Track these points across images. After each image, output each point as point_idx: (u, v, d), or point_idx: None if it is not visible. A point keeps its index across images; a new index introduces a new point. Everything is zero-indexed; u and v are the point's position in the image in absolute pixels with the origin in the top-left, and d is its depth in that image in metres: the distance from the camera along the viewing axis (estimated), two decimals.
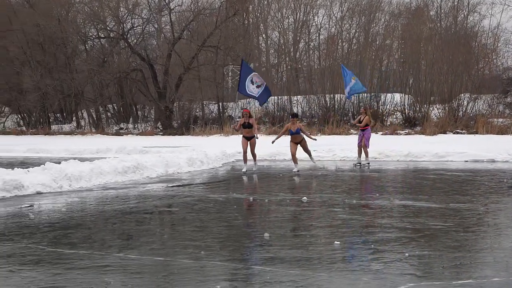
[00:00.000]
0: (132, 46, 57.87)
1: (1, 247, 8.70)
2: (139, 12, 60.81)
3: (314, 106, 53.81)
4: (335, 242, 8.72)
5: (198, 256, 7.99)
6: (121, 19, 58.54)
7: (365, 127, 22.81)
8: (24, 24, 59.33)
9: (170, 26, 58.83)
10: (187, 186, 16.59)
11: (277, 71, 64.00)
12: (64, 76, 58.84)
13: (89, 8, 60.54)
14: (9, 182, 14.84)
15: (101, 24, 59.60)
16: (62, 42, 59.88)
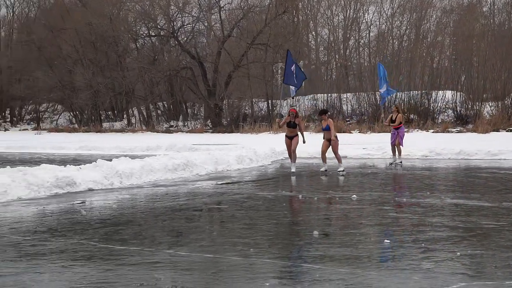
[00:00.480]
0: (182, 44, 58.12)
1: (54, 243, 8.81)
2: (189, 10, 61.01)
3: (364, 104, 53.51)
4: (385, 241, 8.66)
5: (247, 254, 8.00)
6: (172, 18, 58.85)
7: (399, 126, 22.27)
8: (76, 23, 60.00)
9: (220, 24, 59.01)
10: (236, 184, 16.62)
11: (327, 69, 63.68)
12: (115, 74, 59.38)
13: (140, 6, 60.93)
14: (62, 179, 15.02)
15: (152, 23, 59.98)
16: (113, 41, 60.46)
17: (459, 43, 54.96)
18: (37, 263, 7.56)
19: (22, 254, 8.09)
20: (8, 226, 10.16)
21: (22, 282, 6.70)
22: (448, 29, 59.85)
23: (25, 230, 9.77)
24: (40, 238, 9.12)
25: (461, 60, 53.62)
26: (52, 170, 15.64)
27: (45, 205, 12.43)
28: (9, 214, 11.40)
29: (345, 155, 26.37)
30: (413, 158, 25.05)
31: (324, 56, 64.99)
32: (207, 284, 6.68)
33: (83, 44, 61.54)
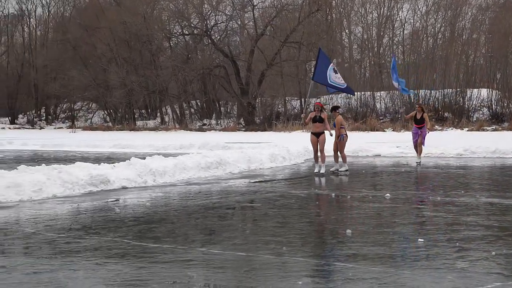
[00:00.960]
0: (215, 42, 58.27)
1: (88, 240, 8.88)
2: (222, 9, 61.15)
3: (398, 102, 53.25)
4: (419, 240, 8.61)
5: (280, 252, 8.00)
6: (205, 16, 59.01)
7: (422, 125, 21.75)
8: (111, 22, 60.44)
9: (253, 23, 59.07)
10: (269, 182, 16.62)
11: (360, 67, 63.53)
12: (149, 72, 59.68)
13: (173, 5, 61.18)
14: (96, 177, 15.13)
15: (185, 21, 60.18)
16: (147, 39, 60.74)
17: (495, 41, 54.47)
18: (71, 260, 7.63)
19: (57, 251, 8.16)
20: (43, 223, 10.26)
21: (57, 279, 6.76)
22: (484, 26, 59.39)
23: (60, 228, 9.86)
24: (74, 236, 9.20)
25: (496, 57, 53.18)
26: (87, 168, 15.75)
27: (79, 203, 12.53)
28: (44, 212, 11.51)
29: (379, 153, 26.32)
30: (448, 157, 24.87)
31: (357, 54, 64.78)
32: (239, 282, 6.69)
33: (117, 42, 61.94)
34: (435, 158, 24.55)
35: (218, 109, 61.59)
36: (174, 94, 61.31)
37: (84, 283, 6.63)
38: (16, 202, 12.75)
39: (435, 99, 51.06)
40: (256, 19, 59.04)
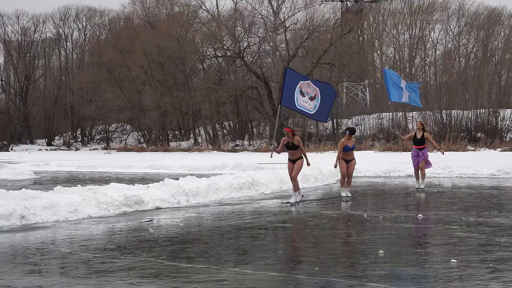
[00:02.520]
0: (248, 64, 58.44)
1: (122, 260, 8.93)
2: (255, 31, 61.43)
3: (430, 122, 52.92)
4: (452, 260, 8.55)
5: (312, 272, 7.98)
6: (238, 38, 59.27)
7: (423, 146, 20.03)
8: (145, 45, 60.94)
9: (285, 44, 59.23)
10: (301, 202, 16.59)
11: None
12: (182, 94, 60.05)
13: (207, 28, 61.55)
14: (130, 198, 15.22)
15: (219, 43, 60.46)
16: (181, 62, 61.12)
17: None
18: (106, 280, 7.68)
19: (92, 271, 8.22)
20: (78, 243, 10.34)
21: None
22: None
23: (95, 248, 9.93)
24: (109, 256, 9.25)
25: None
26: (121, 189, 15.85)
27: (114, 223, 12.61)
28: (79, 232, 11.60)
29: (411, 174, 26.15)
30: (481, 177, 24.65)
31: None
32: None
33: (151, 65, 62.39)
34: (468, 178, 24.35)
35: (251, 130, 61.72)
36: (207, 115, 61.56)
37: None
38: (52, 222, 12.88)
39: (467, 120, 50.70)
40: (288, 41, 59.21)
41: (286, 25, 59.62)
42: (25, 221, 12.77)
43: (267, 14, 61.85)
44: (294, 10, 61.35)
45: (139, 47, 61.60)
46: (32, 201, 13.62)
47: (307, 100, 17.74)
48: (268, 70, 61.00)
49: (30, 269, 8.41)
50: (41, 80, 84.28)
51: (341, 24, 58.10)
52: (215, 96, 59.20)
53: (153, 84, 62.27)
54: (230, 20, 62.17)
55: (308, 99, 17.71)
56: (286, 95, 17.75)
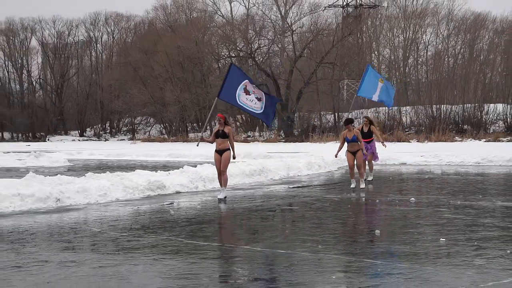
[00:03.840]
0: (258, 63, 58.47)
1: (146, 238, 8.95)
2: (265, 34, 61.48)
3: (422, 116, 52.95)
4: (441, 239, 8.53)
5: (315, 250, 7.98)
6: (250, 40, 59.29)
7: (370, 139, 17.78)
8: (167, 47, 61.04)
9: (292, 46, 59.23)
10: (306, 187, 16.59)
11: None
12: (200, 90, 60.09)
13: (222, 31, 61.62)
14: (154, 183, 15.25)
15: (232, 45, 60.49)
16: (198, 61, 61.19)
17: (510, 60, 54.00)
18: (132, 256, 7.70)
19: (120, 248, 8.24)
20: (107, 223, 10.37)
21: (119, 273, 6.84)
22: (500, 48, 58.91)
23: (122, 227, 9.96)
24: (134, 235, 9.28)
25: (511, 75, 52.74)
26: (145, 175, 15.89)
27: (139, 206, 12.64)
28: (108, 213, 11.64)
29: (405, 162, 26.13)
30: (467, 165, 24.58)
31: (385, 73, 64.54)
32: (280, 276, 6.69)
33: (172, 64, 62.48)
34: (455, 166, 24.28)
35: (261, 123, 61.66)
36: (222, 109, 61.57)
37: (143, 276, 6.69)
38: (84, 205, 12.92)
39: (455, 113, 50.66)
40: (295, 43, 59.22)
41: (293, 28, 59.70)
42: (60, 203, 12.82)
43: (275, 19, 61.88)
44: (300, 15, 61.44)
45: (161, 49, 61.71)
46: (67, 186, 13.68)
47: (253, 99, 15.72)
48: (277, 69, 60.99)
49: (65, 246, 8.45)
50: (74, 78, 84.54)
51: (342, 27, 58.08)
52: None
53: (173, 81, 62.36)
54: (243, 24, 62.11)
55: (255, 98, 15.74)
56: (226, 90, 15.69)
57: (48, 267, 7.13)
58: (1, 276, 6.71)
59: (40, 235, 9.38)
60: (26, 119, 79.07)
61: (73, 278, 6.62)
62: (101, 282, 6.42)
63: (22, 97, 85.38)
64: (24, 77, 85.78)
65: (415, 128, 52.27)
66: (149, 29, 73.03)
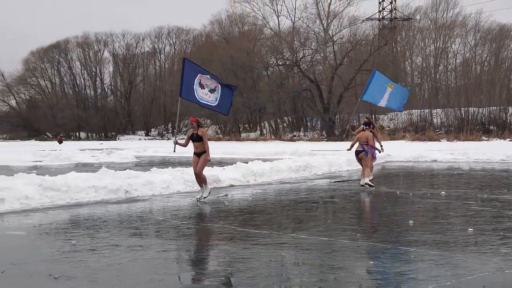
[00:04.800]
0: (303, 71, 58.42)
1: (204, 226, 9.00)
2: (309, 44, 61.37)
3: (451, 117, 52.24)
4: (469, 229, 8.39)
5: (355, 238, 7.92)
6: (295, 50, 59.29)
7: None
8: (221, 56, 61.36)
9: (333, 55, 58.95)
10: (346, 182, 16.49)
11: (420, 89, 62.43)
12: (250, 95, 60.25)
13: (270, 42, 61.72)
14: (211, 177, 15.30)
15: (279, 55, 60.52)
16: (249, 69, 61.34)
17: None
18: (191, 242, 7.75)
19: (180, 234, 8.30)
20: (170, 212, 10.46)
21: (181, 256, 6.89)
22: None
23: (183, 216, 10.03)
24: (193, 223, 9.34)
25: None
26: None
27: (197, 197, 12.71)
28: (170, 204, 11.74)
29: (436, 159, 25.79)
30: (493, 162, 24.12)
31: (418, 79, 63.79)
32: (322, 261, 6.66)
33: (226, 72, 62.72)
34: (482, 163, 23.85)
35: (305, 124, 61.60)
36: (270, 112, 61.71)
37: (201, 260, 6.72)
38: (149, 196, 13.06)
39: (482, 115, 49.86)
40: (336, 52, 58.89)
41: (334, 39, 59.36)
42: (129, 195, 12.98)
43: (318, 31, 61.60)
44: (341, 28, 61.05)
45: (217, 58, 62.03)
46: (134, 179, 13.84)
47: (207, 92, 13.95)
48: (319, 75, 60.77)
49: (133, 232, 8.55)
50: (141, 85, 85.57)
51: (378, 38, 57.69)
52: (277, 97, 59.24)
53: None
54: (289, 35, 62.02)
55: (209, 91, 13.96)
56: (185, 88, 13.74)
57: (118, 250, 7.22)
58: (79, 258, 6.82)
59: (111, 222, 9.51)
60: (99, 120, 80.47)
61: (140, 260, 6.69)
62: (164, 265, 6.48)
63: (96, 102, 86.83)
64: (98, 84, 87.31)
65: (445, 129, 51.63)
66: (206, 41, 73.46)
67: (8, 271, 6.19)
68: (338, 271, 6.15)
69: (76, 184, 12.65)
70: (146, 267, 6.38)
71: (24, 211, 10.73)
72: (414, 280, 5.80)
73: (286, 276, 5.99)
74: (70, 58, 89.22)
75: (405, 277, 5.90)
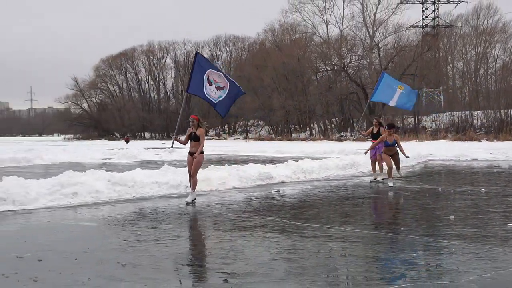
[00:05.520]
0: (350, 75, 58.03)
1: (257, 219, 9.02)
2: (356, 51, 60.89)
3: (491, 119, 51.05)
4: (508, 224, 8.20)
5: (398, 231, 7.83)
6: (342, 56, 58.92)
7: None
8: (274, 62, 61.50)
9: (378, 60, 58.42)
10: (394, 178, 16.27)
11: (461, 92, 61.24)
12: (301, 98, 60.19)
13: (319, 49, 61.59)
14: (263, 174, 15.36)
15: (328, 60, 60.27)
16: (300, 74, 61.26)
17: None
18: (246, 233, 7.78)
19: (236, 227, 8.35)
20: (226, 207, 10.52)
21: (236, 247, 6.92)
22: None
23: (238, 210, 10.08)
24: (248, 216, 9.37)
25: None
26: (256, 168, 16.03)
27: (251, 193, 12.75)
28: (226, 198, 11.81)
29: (476, 158, 25.28)
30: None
31: (459, 83, 62.53)
32: (368, 252, 6.60)
33: (278, 77, 62.86)
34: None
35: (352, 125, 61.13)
36: (319, 114, 61.53)
37: (255, 250, 6.74)
38: (207, 191, 13.17)
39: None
40: (381, 58, 58.31)
41: (379, 45, 58.73)
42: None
43: (364, 38, 61.10)
44: (385, 35, 60.42)
45: (270, 64, 62.18)
46: None
47: (213, 89, 12.67)
48: (365, 79, 60.25)
49: (193, 224, 8.64)
50: None
51: (421, 44, 56.80)
52: (325, 99, 58.97)
53: (279, 91, 62.67)
54: (337, 42, 61.66)
55: (215, 88, 12.66)
56: (194, 83, 12.61)
57: (179, 240, 7.31)
58: (143, 247, 6.93)
59: (173, 215, 9.63)
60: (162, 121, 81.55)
61: (199, 250, 6.75)
62: (221, 254, 6.52)
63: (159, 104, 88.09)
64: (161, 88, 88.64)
65: (485, 129, 50.50)
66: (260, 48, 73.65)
67: (81, 259, 6.34)
68: (383, 262, 6.09)
69: (141, 179, 12.86)
70: (204, 256, 6.43)
71: (94, 203, 10.98)
72: (455, 271, 5.69)
73: (334, 266, 5.97)
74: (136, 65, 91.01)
75: (446, 269, 5.80)
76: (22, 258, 6.37)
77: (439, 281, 5.38)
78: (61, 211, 10.03)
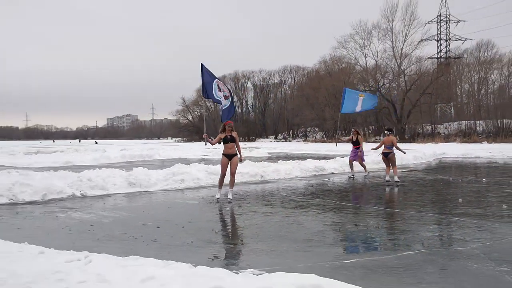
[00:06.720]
0: (382, 94, 56.69)
1: (313, 200, 8.98)
2: (387, 76, 59.54)
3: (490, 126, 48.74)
4: (503, 206, 7.84)
5: (419, 210, 7.62)
6: (377, 80, 57.70)
7: (358, 146, 14.08)
8: (326, 85, 60.95)
9: (404, 83, 56.81)
10: (413, 171, 15.81)
11: (467, 107, 58.69)
12: None
13: (360, 75, 60.65)
14: (318, 167, 15.27)
15: (366, 83, 59.20)
16: None
17: None
18: (305, 211, 7.78)
19: (298, 205, 8.35)
20: (290, 190, 10.54)
21: (298, 220, 6.93)
22: None
23: (299, 193, 10.07)
24: (306, 198, 9.36)
25: None
26: (313, 162, 15.95)
27: (308, 181, 12.71)
28: (291, 185, 11.81)
29: (478, 156, 24.19)
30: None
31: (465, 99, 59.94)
32: (395, 226, 6.47)
33: (329, 96, 62.13)
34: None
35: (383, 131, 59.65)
36: (359, 123, 60.46)
37: (312, 223, 6.74)
38: (276, 179, 13.20)
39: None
40: (406, 81, 56.68)
41: (405, 72, 57.15)
42: (263, 178, 13.19)
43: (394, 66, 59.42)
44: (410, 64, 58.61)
45: (323, 86, 61.61)
46: (266, 168, 14.04)
47: (221, 96, 11.27)
48: (394, 98, 58.74)
49: (266, 203, 8.71)
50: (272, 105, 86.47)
51: (437, 71, 54.97)
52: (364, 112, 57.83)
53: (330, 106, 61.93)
54: (373, 70, 60.35)
55: (223, 96, 11.29)
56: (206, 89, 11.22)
57: (256, 215, 7.39)
58: (230, 220, 7.06)
59: (252, 196, 9.73)
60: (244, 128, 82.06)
61: (271, 222, 6.81)
62: (286, 225, 6.56)
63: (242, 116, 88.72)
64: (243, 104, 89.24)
65: (486, 134, 48.25)
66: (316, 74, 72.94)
67: (186, 227, 6.52)
68: (407, 233, 5.95)
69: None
70: (274, 227, 6.49)
71: (196, 188, 11.23)
72: (463, 241, 5.52)
73: (370, 235, 5.90)
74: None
75: (455, 239, 5.63)
76: (146, 225, 6.63)
77: (450, 248, 5.24)
78: (173, 193, 10.34)
